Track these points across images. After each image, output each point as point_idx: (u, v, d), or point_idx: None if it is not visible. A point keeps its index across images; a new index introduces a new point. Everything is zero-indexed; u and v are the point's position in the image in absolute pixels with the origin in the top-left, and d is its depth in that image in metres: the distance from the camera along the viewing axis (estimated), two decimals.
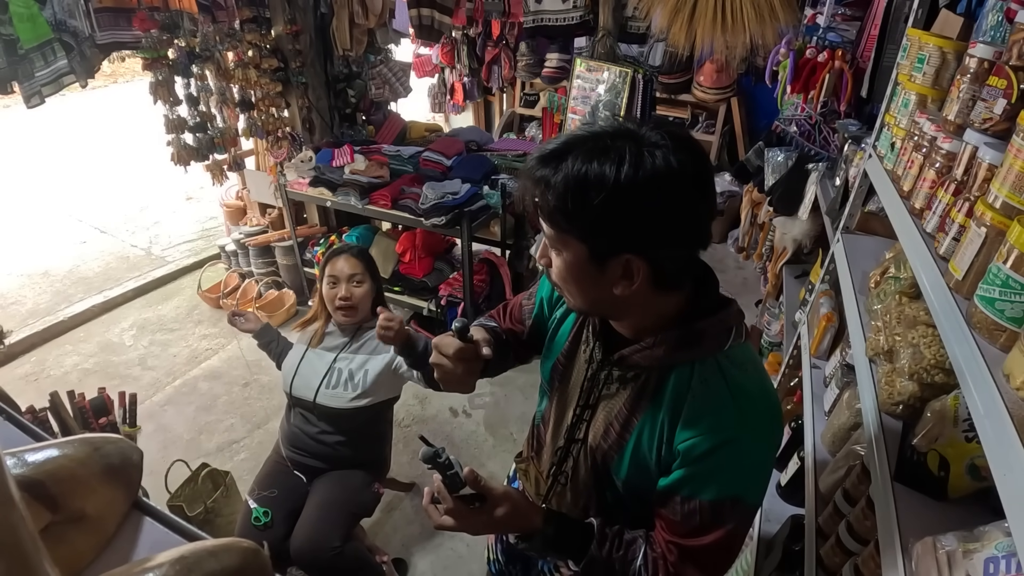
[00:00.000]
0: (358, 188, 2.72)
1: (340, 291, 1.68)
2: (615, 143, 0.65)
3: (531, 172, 0.70)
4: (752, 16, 2.50)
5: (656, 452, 0.78)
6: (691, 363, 0.75)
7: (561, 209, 0.67)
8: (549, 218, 0.70)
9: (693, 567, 0.76)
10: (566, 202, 0.66)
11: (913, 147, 1.15)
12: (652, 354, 0.76)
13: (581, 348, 0.89)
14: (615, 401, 0.82)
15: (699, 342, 0.75)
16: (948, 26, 1.35)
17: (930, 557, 0.74)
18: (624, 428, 0.81)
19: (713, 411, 0.73)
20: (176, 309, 3.51)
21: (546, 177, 0.68)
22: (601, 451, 0.84)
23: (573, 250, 0.71)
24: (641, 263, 0.69)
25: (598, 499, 0.90)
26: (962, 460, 0.86)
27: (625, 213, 0.65)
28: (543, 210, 0.70)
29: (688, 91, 4.41)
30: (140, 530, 0.64)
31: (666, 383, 0.77)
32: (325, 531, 1.59)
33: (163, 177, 4.91)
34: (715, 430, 0.72)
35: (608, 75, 3.14)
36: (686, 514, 0.75)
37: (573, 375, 0.90)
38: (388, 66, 3.47)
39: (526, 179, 0.71)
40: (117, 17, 2.32)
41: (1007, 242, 0.70)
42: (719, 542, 0.74)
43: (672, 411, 0.76)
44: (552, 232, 0.71)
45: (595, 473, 0.87)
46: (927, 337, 1.07)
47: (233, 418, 2.66)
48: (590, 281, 0.73)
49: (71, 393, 1.62)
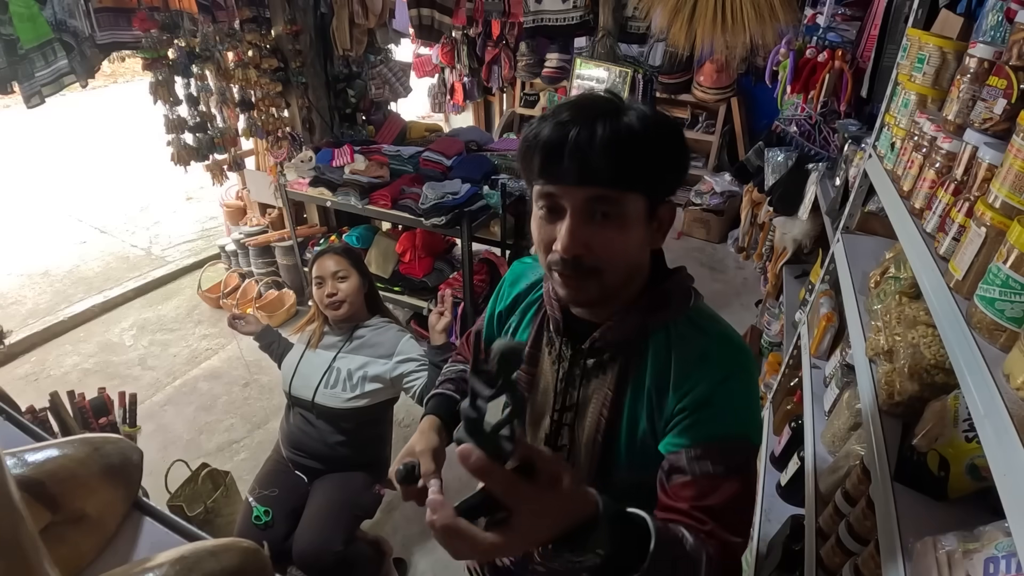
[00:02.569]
0: (358, 188, 2.72)
1: (326, 288, 1.70)
2: (619, 102, 0.68)
3: (592, 127, 0.65)
4: (752, 16, 2.51)
5: (649, 423, 0.76)
6: (664, 326, 0.77)
7: (629, 165, 0.65)
8: (616, 176, 0.65)
9: (723, 529, 0.68)
10: (635, 157, 0.65)
11: (913, 147, 1.15)
12: (627, 324, 0.76)
13: (544, 352, 0.85)
14: (600, 391, 0.79)
15: (667, 303, 0.77)
16: (948, 26, 1.35)
17: (930, 557, 0.74)
18: (615, 412, 0.79)
19: (700, 359, 0.74)
20: (176, 309, 3.51)
21: (614, 134, 0.64)
22: (599, 447, 0.81)
23: (633, 208, 0.68)
24: (669, 209, 0.74)
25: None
26: (962, 460, 0.86)
27: (676, 158, 0.70)
28: (606, 171, 0.65)
29: (688, 91, 4.41)
30: (140, 530, 0.64)
31: (645, 353, 0.77)
32: (327, 534, 1.59)
33: (163, 177, 4.92)
34: (708, 375, 0.73)
35: (608, 75, 3.14)
36: (700, 471, 0.70)
37: (541, 383, 0.86)
38: (388, 66, 3.48)
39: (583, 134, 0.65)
40: (117, 17, 2.32)
41: (1007, 242, 0.70)
42: (738, 494, 0.70)
43: (657, 376, 0.75)
44: (610, 193, 0.66)
45: (592, 472, 0.83)
46: (927, 337, 1.07)
47: (233, 418, 2.66)
48: (639, 241, 0.71)
49: (71, 393, 1.62)
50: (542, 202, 0.70)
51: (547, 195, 0.69)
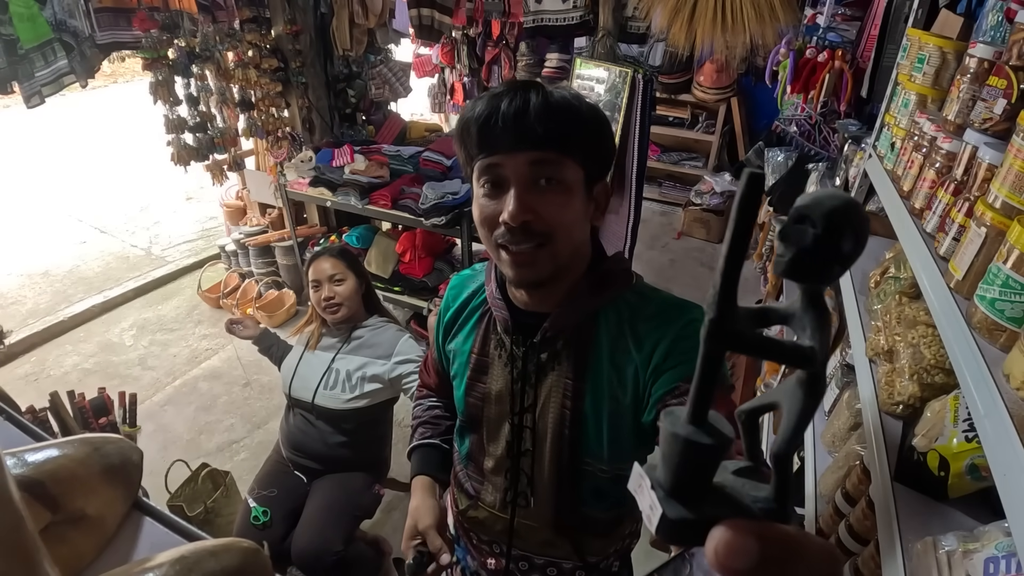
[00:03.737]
0: (358, 188, 2.72)
1: (323, 292, 1.69)
2: (545, 84, 0.70)
3: (526, 96, 0.66)
4: (752, 16, 2.50)
5: (613, 402, 0.76)
6: (613, 303, 0.78)
7: (566, 130, 0.67)
8: (554, 140, 0.67)
9: None
10: (570, 123, 0.67)
11: (913, 147, 1.15)
12: (576, 307, 0.77)
13: (494, 355, 0.84)
14: (558, 384, 0.79)
15: (613, 281, 0.79)
16: (948, 26, 1.35)
17: (930, 557, 0.74)
18: (578, 400, 0.77)
19: (655, 316, 0.76)
20: (176, 309, 3.51)
21: (546, 101, 0.66)
22: (567, 440, 0.79)
23: (572, 176, 0.69)
24: (604, 188, 0.75)
25: (573, 497, 0.84)
26: (962, 460, 0.86)
27: (605, 135, 0.73)
28: (544, 135, 0.66)
29: (688, 91, 4.41)
30: (140, 530, 0.64)
31: (597, 333, 0.77)
32: (327, 534, 1.59)
33: (163, 177, 4.92)
34: (668, 325, 0.75)
35: (608, 75, 3.14)
36: None
37: (493, 388, 0.84)
38: (388, 66, 3.47)
39: (517, 103, 0.66)
40: (117, 17, 2.32)
41: (1007, 242, 0.70)
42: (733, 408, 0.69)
43: (613, 351, 0.76)
44: (550, 156, 0.67)
45: (562, 471, 0.82)
46: (927, 337, 1.07)
47: (233, 418, 2.66)
48: (580, 214, 0.72)
49: (71, 393, 1.62)
50: (484, 178, 0.70)
51: (488, 167, 0.69)
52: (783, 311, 0.23)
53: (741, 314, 0.21)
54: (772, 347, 0.22)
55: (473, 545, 0.99)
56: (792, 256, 0.20)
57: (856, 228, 0.19)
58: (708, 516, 0.21)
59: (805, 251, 0.20)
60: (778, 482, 0.23)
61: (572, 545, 0.90)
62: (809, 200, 0.20)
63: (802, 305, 0.21)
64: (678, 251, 4.09)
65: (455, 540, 1.04)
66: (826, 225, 0.19)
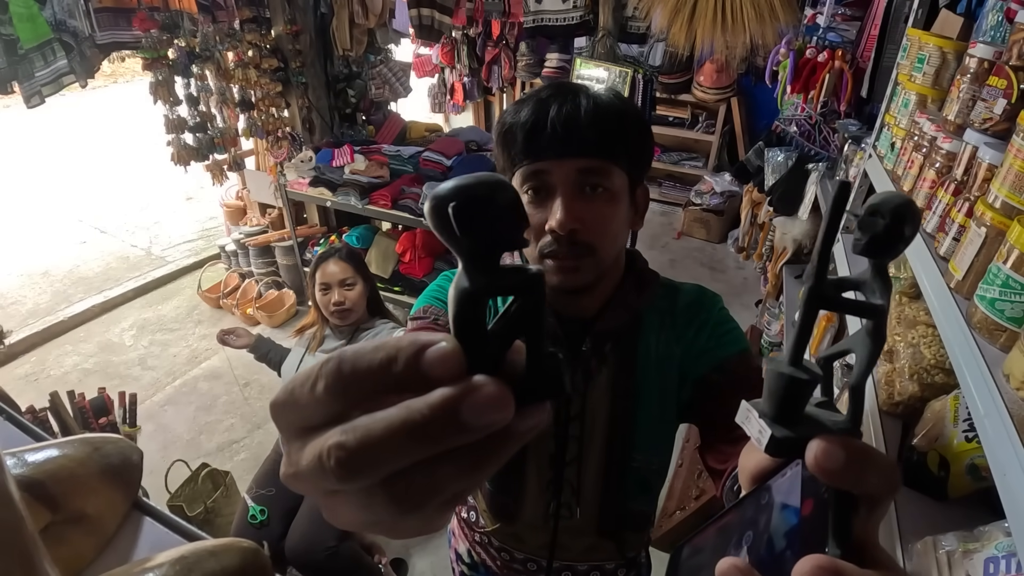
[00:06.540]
0: (358, 188, 2.72)
1: (333, 296, 1.67)
2: (589, 87, 0.70)
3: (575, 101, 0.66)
4: (752, 16, 2.51)
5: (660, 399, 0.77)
6: (653, 303, 0.80)
7: (615, 137, 0.67)
8: (604, 147, 0.66)
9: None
10: (619, 131, 0.67)
11: (913, 147, 1.15)
12: (624, 307, 0.77)
13: None
14: (607, 385, 0.77)
15: (648, 281, 0.81)
16: (948, 26, 1.35)
17: (930, 557, 0.74)
18: (628, 397, 0.77)
19: (689, 307, 0.79)
20: (176, 309, 3.51)
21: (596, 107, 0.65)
22: (619, 440, 0.78)
23: (619, 183, 0.69)
24: (644, 191, 0.76)
25: (619, 496, 0.82)
26: (962, 460, 0.86)
27: (648, 138, 0.73)
28: (595, 142, 0.66)
29: (688, 91, 4.41)
30: (140, 530, 0.64)
31: (642, 328, 0.78)
32: (320, 530, 1.58)
33: (163, 177, 4.92)
34: (703, 312, 0.79)
35: (608, 75, 3.14)
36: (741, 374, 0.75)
37: None
38: (388, 66, 3.47)
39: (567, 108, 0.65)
40: (117, 17, 2.32)
41: (1007, 242, 0.70)
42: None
43: (657, 342, 0.77)
44: (598, 163, 0.67)
45: (611, 473, 0.79)
46: (927, 337, 1.07)
47: (233, 418, 2.66)
48: (623, 219, 0.72)
49: (71, 393, 1.62)
50: (527, 184, 0.68)
51: (533, 174, 0.67)
52: (856, 279, 0.30)
53: (829, 283, 0.28)
54: (852, 305, 0.28)
55: (497, 567, 0.95)
56: (868, 239, 0.27)
57: (914, 219, 0.26)
58: (804, 435, 0.27)
59: (877, 236, 0.27)
60: (853, 408, 0.29)
61: (616, 544, 0.88)
62: (879, 200, 0.27)
63: (872, 275, 0.29)
64: (678, 251, 4.09)
65: (473, 568, 0.99)
66: (893, 217, 0.26)
